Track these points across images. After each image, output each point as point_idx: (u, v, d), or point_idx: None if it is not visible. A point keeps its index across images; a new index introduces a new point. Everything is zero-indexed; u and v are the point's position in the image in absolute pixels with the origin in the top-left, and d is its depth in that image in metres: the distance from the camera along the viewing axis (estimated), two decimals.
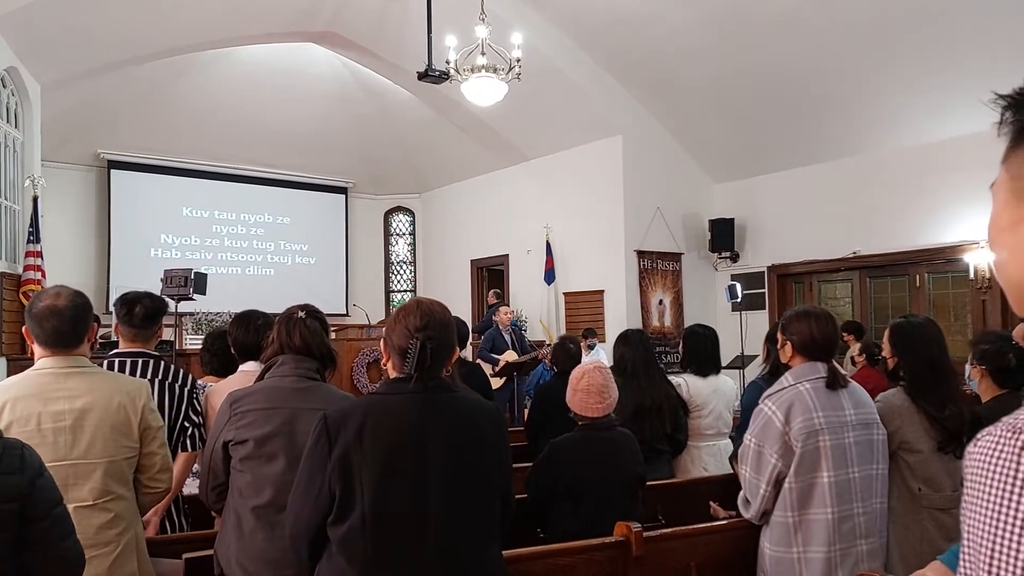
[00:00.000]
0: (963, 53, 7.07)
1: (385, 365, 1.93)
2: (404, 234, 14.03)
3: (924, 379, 2.67)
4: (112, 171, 11.07)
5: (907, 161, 8.43)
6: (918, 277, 8.72)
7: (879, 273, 9.12)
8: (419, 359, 1.79)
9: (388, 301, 13.76)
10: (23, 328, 2.23)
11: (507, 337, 8.17)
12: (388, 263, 13.96)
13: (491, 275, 12.23)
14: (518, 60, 6.68)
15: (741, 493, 2.53)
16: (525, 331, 10.00)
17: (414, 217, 13.91)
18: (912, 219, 8.40)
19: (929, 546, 2.48)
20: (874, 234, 8.75)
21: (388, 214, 13.98)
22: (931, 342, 2.71)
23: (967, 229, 7.92)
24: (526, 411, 6.85)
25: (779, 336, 2.60)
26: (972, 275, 7.94)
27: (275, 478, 2.25)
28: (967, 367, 3.06)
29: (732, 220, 10.03)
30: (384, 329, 1.90)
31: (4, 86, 7.39)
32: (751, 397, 3.46)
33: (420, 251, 13.82)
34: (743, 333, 9.20)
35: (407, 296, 13.73)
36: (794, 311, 2.61)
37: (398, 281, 13.99)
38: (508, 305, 9.13)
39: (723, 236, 10.01)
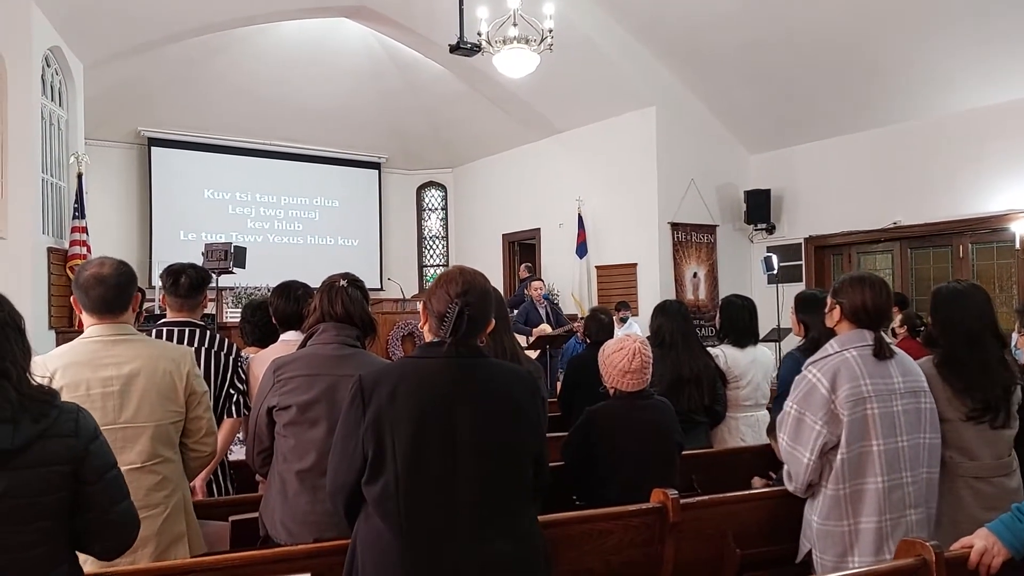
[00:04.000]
0: (1010, 15, 6.80)
1: (422, 328, 1.98)
2: (436, 209, 14.08)
3: (958, 347, 2.55)
4: (152, 148, 11.29)
5: (950, 128, 8.18)
6: (961, 247, 8.50)
7: (920, 244, 8.91)
8: (456, 324, 1.83)
9: (421, 275, 13.86)
10: (71, 298, 2.30)
11: (542, 310, 8.21)
12: (421, 238, 14.04)
13: (523, 249, 12.24)
14: (550, 31, 6.61)
15: (785, 466, 2.47)
16: (558, 304, 10.00)
17: (446, 192, 13.94)
18: (955, 188, 8.16)
19: (965, 515, 2.42)
20: (915, 204, 8.53)
21: (420, 189, 14.03)
22: (971, 310, 2.58)
23: (1013, 197, 7.69)
24: (558, 383, 6.89)
25: (829, 300, 2.53)
26: (1018, 245, 7.74)
27: (318, 443, 2.31)
28: (1014, 335, 2.96)
29: (768, 191, 9.86)
30: (425, 294, 1.94)
31: (48, 65, 7.53)
32: (788, 369, 3.40)
33: (452, 226, 13.86)
34: (779, 306, 9.08)
35: (440, 271, 13.79)
36: (849, 276, 2.53)
37: (431, 256, 14.08)
38: (541, 279, 9.12)
39: (759, 207, 9.84)
